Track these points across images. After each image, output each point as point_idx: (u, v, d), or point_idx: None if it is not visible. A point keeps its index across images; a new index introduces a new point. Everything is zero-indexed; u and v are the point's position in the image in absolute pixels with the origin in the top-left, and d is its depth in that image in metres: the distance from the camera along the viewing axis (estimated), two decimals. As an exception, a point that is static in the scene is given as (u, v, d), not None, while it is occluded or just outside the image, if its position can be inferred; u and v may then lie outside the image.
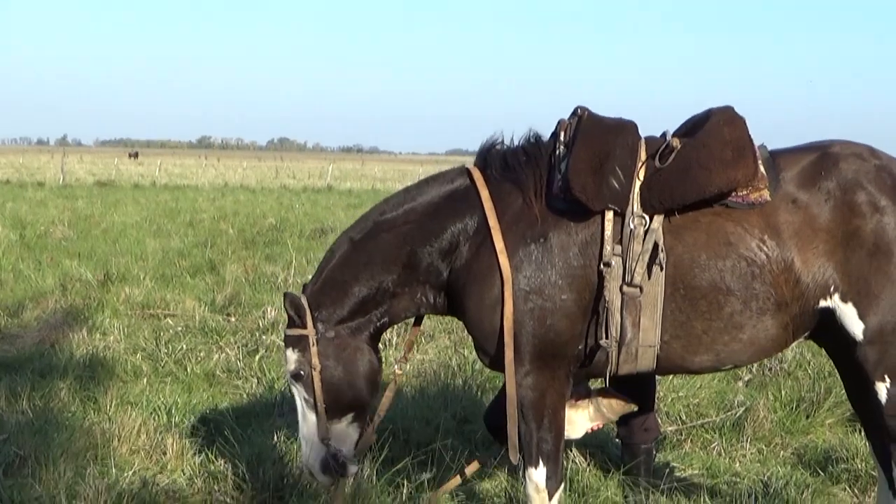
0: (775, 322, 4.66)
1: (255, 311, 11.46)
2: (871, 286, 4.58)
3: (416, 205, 4.96)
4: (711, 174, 4.48)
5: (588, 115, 4.77)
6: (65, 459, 5.79)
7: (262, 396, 7.70)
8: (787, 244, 4.57)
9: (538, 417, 4.72)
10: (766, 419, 7.63)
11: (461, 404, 7.73)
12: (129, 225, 22.91)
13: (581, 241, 4.61)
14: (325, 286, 4.99)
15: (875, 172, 4.67)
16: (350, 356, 4.91)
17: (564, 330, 4.65)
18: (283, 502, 5.52)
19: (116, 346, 9.56)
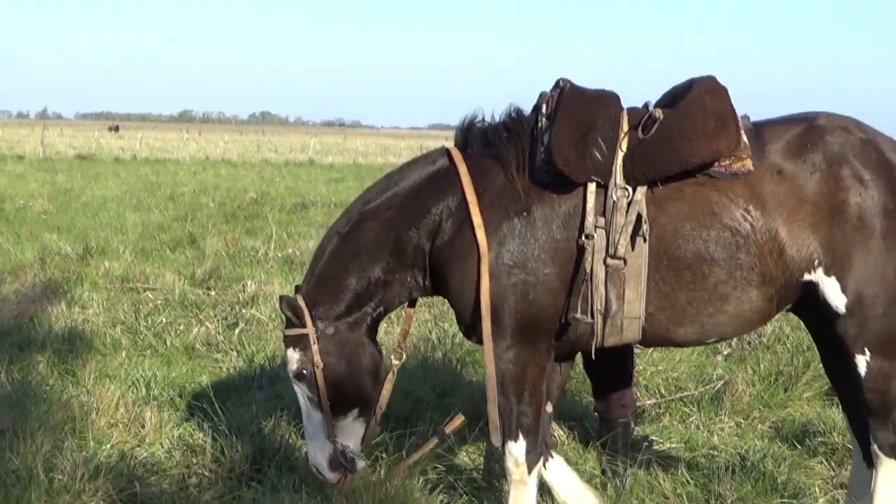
0: (760, 294, 4.68)
1: (235, 285, 11.49)
2: (853, 260, 4.61)
3: (399, 189, 4.99)
4: (694, 145, 4.50)
5: (570, 87, 4.78)
6: (42, 432, 5.79)
7: (241, 370, 7.73)
8: (772, 214, 4.59)
9: (518, 391, 4.74)
10: (745, 393, 7.69)
11: (441, 377, 7.78)
12: (110, 199, 22.88)
13: (564, 213, 4.63)
14: (319, 283, 5.02)
15: (861, 146, 4.70)
16: (351, 351, 4.95)
17: (547, 304, 4.67)
18: (262, 475, 5.52)
19: (95, 320, 9.57)
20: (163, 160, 48.47)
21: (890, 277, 4.65)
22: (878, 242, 4.61)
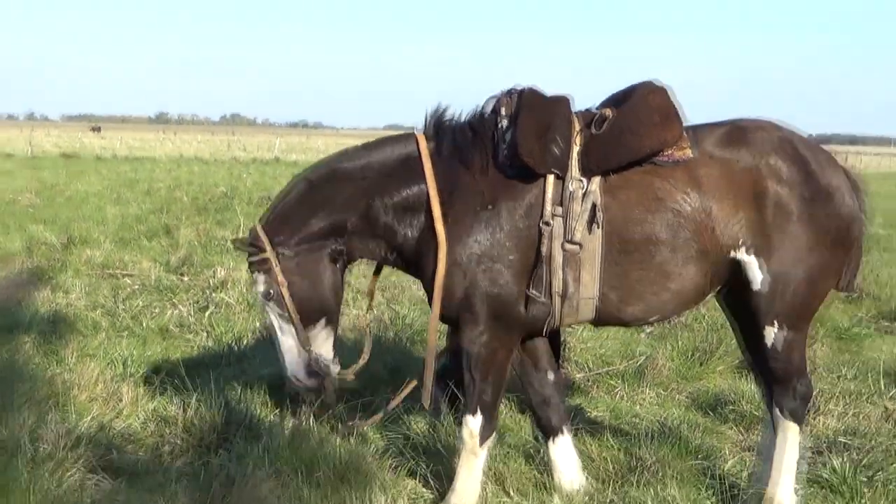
0: (698, 270, 4.81)
1: (206, 271, 11.46)
2: (772, 241, 4.78)
3: (374, 162, 5.03)
4: (643, 138, 4.64)
5: (529, 90, 4.87)
6: (28, 406, 5.82)
7: (210, 349, 7.75)
8: (707, 195, 4.74)
9: (485, 372, 4.82)
10: (665, 367, 7.84)
11: (392, 355, 7.81)
12: (92, 193, 22.75)
13: (526, 204, 4.71)
14: (282, 218, 5.05)
15: (778, 142, 4.88)
16: (312, 269, 4.97)
17: (515, 289, 4.74)
18: (228, 443, 5.54)
19: (77, 304, 9.56)
20: (141, 158, 48.25)
21: (803, 258, 4.81)
22: (795, 226, 4.77)
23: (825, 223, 4.83)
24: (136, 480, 5.08)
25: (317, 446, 5.28)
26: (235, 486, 4.62)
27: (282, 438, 5.35)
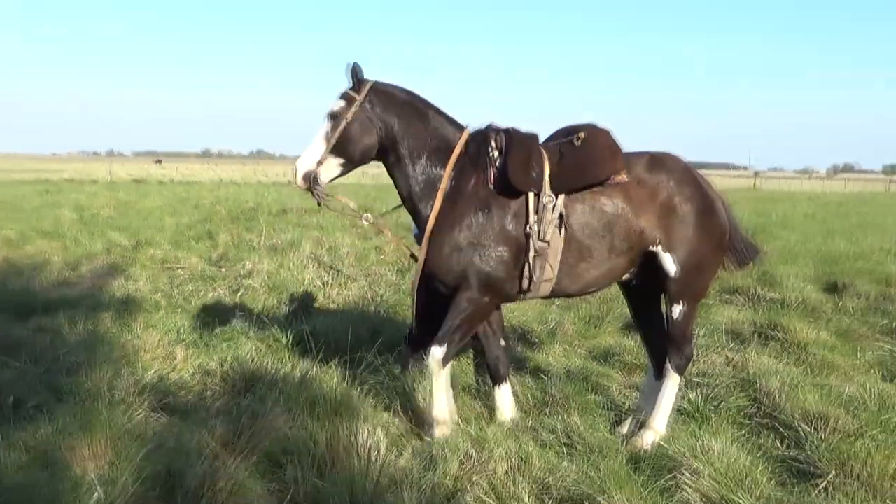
0: (625, 259, 5.01)
1: (238, 265, 11.44)
2: (679, 241, 4.98)
3: (441, 132, 5.01)
4: (600, 168, 4.82)
5: (514, 130, 4.99)
6: (107, 364, 5.90)
7: (241, 320, 7.83)
8: (635, 209, 4.91)
9: (462, 322, 4.91)
10: (569, 329, 8.00)
11: (372, 322, 7.90)
12: (154, 208, 22.67)
13: (512, 211, 4.83)
14: (383, 93, 4.97)
15: (683, 170, 5.11)
16: (366, 131, 4.87)
17: (500, 271, 4.86)
18: (253, 389, 5.60)
19: (143, 289, 9.62)
20: (190, 182, 48.05)
21: (700, 254, 5.02)
22: (694, 231, 4.98)
23: (712, 229, 5.07)
24: (185, 416, 5.17)
25: (317, 389, 5.36)
26: (258, 420, 4.71)
27: (292, 385, 5.43)
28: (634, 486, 3.97)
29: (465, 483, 4.12)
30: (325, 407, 5.07)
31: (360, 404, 5.34)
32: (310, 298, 9.26)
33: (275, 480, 4.22)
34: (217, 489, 3.97)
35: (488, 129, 5.03)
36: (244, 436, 4.52)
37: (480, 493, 4.01)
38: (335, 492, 3.96)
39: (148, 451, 4.15)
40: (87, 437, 4.25)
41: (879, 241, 16.77)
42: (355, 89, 4.90)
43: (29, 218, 18.26)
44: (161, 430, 4.72)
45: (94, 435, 4.27)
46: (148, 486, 3.95)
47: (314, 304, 9.00)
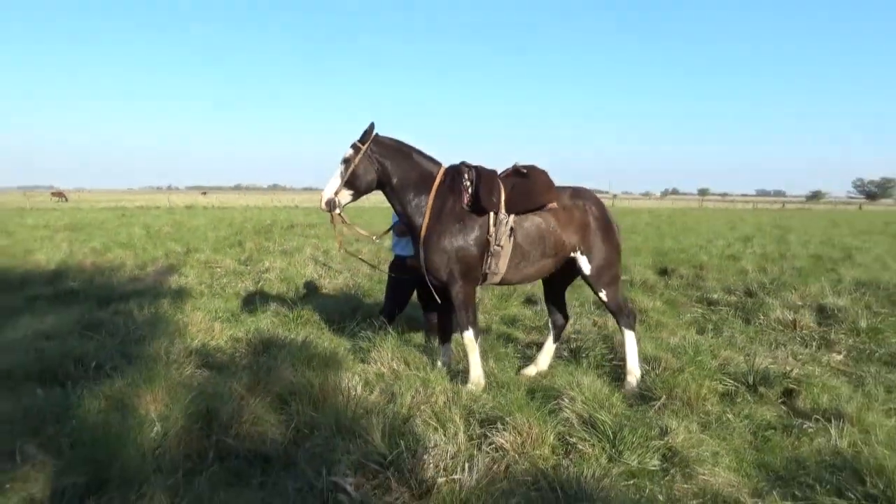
0: (552, 261, 4.98)
1: (259, 264, 11.25)
2: (592, 248, 5.00)
3: (423, 167, 4.91)
4: (539, 197, 4.81)
5: (481, 167, 4.92)
6: (164, 336, 5.78)
7: (261, 302, 7.70)
8: (561, 226, 4.92)
9: (466, 306, 4.83)
10: (488, 303, 8.01)
11: (353, 302, 7.82)
12: (200, 226, 22.19)
13: (480, 225, 4.77)
14: (382, 144, 4.86)
15: (593, 199, 5.14)
16: (368, 170, 4.78)
17: (474, 265, 4.80)
18: (268, 350, 5.49)
19: (191, 282, 9.39)
20: (227, 207, 47.23)
21: (606, 257, 5.04)
22: (601, 242, 5.01)
23: (612, 241, 5.10)
24: (221, 371, 5.05)
25: (313, 349, 5.27)
26: (272, 371, 4.63)
27: (296, 346, 5.34)
28: (531, 409, 3.98)
29: (415, 411, 4.08)
30: (318, 361, 4.99)
31: (343, 358, 5.28)
32: (309, 286, 9.14)
33: (283, 413, 4.14)
34: (242, 420, 3.89)
35: (461, 165, 4.96)
36: (262, 383, 4.42)
37: (426, 418, 3.98)
38: (325, 420, 3.91)
39: (193, 396, 4.04)
40: (149, 388, 4.12)
41: (694, 240, 17.18)
42: (362, 141, 4.84)
43: (109, 234, 17.73)
44: (203, 381, 4.59)
45: (154, 386, 4.15)
46: (193, 421, 3.85)
47: (313, 290, 8.88)
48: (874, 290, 8.94)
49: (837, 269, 11.19)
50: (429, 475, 3.27)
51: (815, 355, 6.01)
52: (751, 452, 3.94)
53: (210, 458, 3.64)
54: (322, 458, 3.53)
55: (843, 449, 3.79)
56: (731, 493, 3.37)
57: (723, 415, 4.40)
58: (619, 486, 3.36)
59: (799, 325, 6.99)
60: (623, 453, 3.66)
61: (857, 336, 6.61)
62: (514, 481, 3.38)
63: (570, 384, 4.49)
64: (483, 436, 3.80)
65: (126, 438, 3.53)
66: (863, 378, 5.27)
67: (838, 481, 3.38)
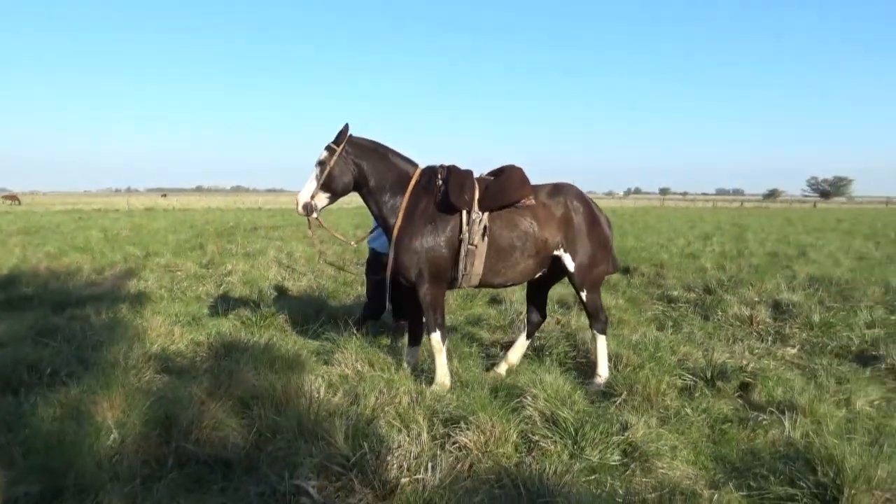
0: (534, 262, 4.91)
1: (221, 267, 11.08)
2: (576, 246, 4.94)
3: (399, 168, 4.91)
4: (511, 193, 4.75)
5: (452, 166, 4.89)
6: (123, 341, 5.63)
7: (221, 305, 7.60)
8: (541, 224, 4.86)
9: (434, 308, 4.81)
10: (453, 303, 8.01)
11: (316, 304, 7.73)
12: (160, 229, 21.74)
13: (451, 225, 4.73)
14: (357, 144, 4.85)
15: (577, 193, 5.06)
16: (344, 172, 4.79)
17: (443, 266, 4.76)
18: (232, 354, 5.34)
19: (151, 286, 9.17)
20: (188, 210, 46.40)
21: (591, 255, 4.97)
22: (585, 239, 4.95)
23: (598, 238, 5.04)
24: (181, 375, 4.96)
25: (276, 352, 5.21)
26: (234, 375, 4.55)
27: (259, 349, 5.26)
28: (494, 408, 4.00)
29: (379, 412, 4.07)
30: (281, 364, 4.94)
31: (306, 361, 5.24)
32: (273, 289, 9.04)
33: (245, 417, 4.08)
34: (203, 425, 3.83)
35: (437, 166, 4.94)
36: (223, 387, 4.35)
37: (390, 419, 3.97)
38: (288, 423, 3.87)
39: (151, 401, 3.96)
40: (106, 394, 4.03)
41: (655, 239, 17.48)
42: (337, 143, 4.81)
43: (65, 238, 17.25)
44: (162, 386, 4.51)
45: (111, 392, 4.05)
46: (151, 427, 3.77)
47: (276, 293, 8.79)
48: (826, 285, 9.22)
49: (792, 266, 11.51)
50: (392, 476, 3.27)
51: (770, 349, 6.19)
52: (708, 445, 4.03)
53: (169, 465, 3.58)
54: (285, 461, 3.51)
55: (796, 440, 3.91)
56: (688, 486, 3.45)
57: (681, 409, 4.48)
58: (580, 481, 3.41)
59: (755, 320, 7.18)
60: (585, 449, 3.71)
61: (810, 330, 6.81)
62: (477, 480, 3.41)
63: (534, 382, 4.52)
64: (447, 435, 3.81)
65: (82, 446, 3.46)
66: (815, 371, 5.44)
67: (791, 471, 3.48)
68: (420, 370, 5.27)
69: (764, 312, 7.39)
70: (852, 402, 4.61)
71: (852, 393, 4.72)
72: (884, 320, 7.11)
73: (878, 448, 3.54)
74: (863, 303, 8.01)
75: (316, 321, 6.66)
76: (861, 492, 3.14)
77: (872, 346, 6.09)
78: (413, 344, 5.47)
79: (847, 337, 6.39)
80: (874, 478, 3.20)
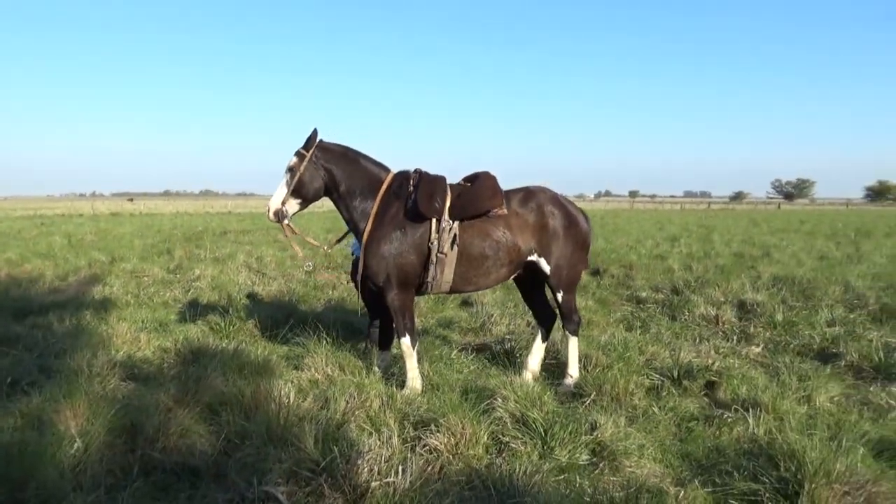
0: (507, 269, 4.91)
1: (189, 272, 10.95)
2: (551, 250, 4.93)
3: (370, 172, 4.90)
4: (484, 202, 4.74)
5: (423, 173, 4.87)
6: (87, 348, 5.52)
7: (189, 312, 7.49)
8: (514, 232, 4.84)
9: (402, 313, 4.80)
10: (424, 306, 7.98)
11: (287, 308, 7.68)
12: (127, 233, 21.37)
13: (420, 232, 4.72)
14: (327, 149, 4.86)
15: (551, 197, 5.06)
16: (315, 177, 4.81)
17: (411, 272, 4.75)
18: (200, 360, 5.23)
19: (117, 292, 8.99)
20: (155, 214, 45.72)
21: (567, 258, 4.97)
22: (561, 241, 4.94)
23: (576, 238, 5.04)
24: (147, 383, 4.88)
25: (245, 357, 5.16)
26: (202, 381, 4.49)
27: (227, 355, 5.19)
28: (464, 410, 4.01)
29: (350, 416, 4.07)
30: (251, 369, 4.89)
31: (276, 366, 5.21)
32: (242, 294, 8.94)
33: (213, 424, 4.03)
34: (169, 433, 3.77)
35: (410, 171, 4.93)
36: (191, 393, 4.29)
37: (361, 423, 3.97)
38: (257, 429, 3.83)
39: (116, 409, 3.88)
40: (69, 403, 3.94)
41: (625, 241, 17.70)
42: (306, 148, 4.80)
43: (27, 244, 16.83)
44: (128, 393, 4.43)
45: (74, 401, 3.96)
46: (116, 435, 3.71)
47: (245, 298, 8.69)
48: (790, 284, 9.44)
49: (757, 266, 11.76)
50: (362, 479, 3.26)
51: (735, 348, 6.32)
52: (675, 443, 4.10)
53: (134, 473, 3.52)
54: (253, 467, 3.47)
55: (760, 436, 3.99)
56: (655, 484, 3.50)
57: (649, 408, 4.55)
58: (549, 481, 3.44)
59: (721, 320, 7.32)
60: (554, 449, 3.75)
61: (773, 329, 6.96)
62: (447, 482, 3.42)
63: (504, 384, 4.55)
64: (417, 438, 3.82)
65: (43, 456, 3.38)
66: (778, 368, 5.56)
67: (754, 467, 3.55)
68: (391, 374, 5.26)
69: (729, 312, 7.54)
70: (813, 399, 4.72)
71: (813, 390, 4.83)
72: (843, 318, 7.30)
73: (837, 443, 3.63)
74: (824, 301, 8.21)
75: (286, 326, 6.61)
76: (821, 486, 3.22)
77: (833, 344, 6.24)
78: (383, 348, 5.45)
79: (809, 335, 6.54)
80: (833, 471, 3.28)
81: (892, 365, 5.50)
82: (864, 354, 5.72)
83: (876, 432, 4.11)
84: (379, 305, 5.41)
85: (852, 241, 19.05)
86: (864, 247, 16.51)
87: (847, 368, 5.64)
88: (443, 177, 4.87)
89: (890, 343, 6.11)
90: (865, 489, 3.22)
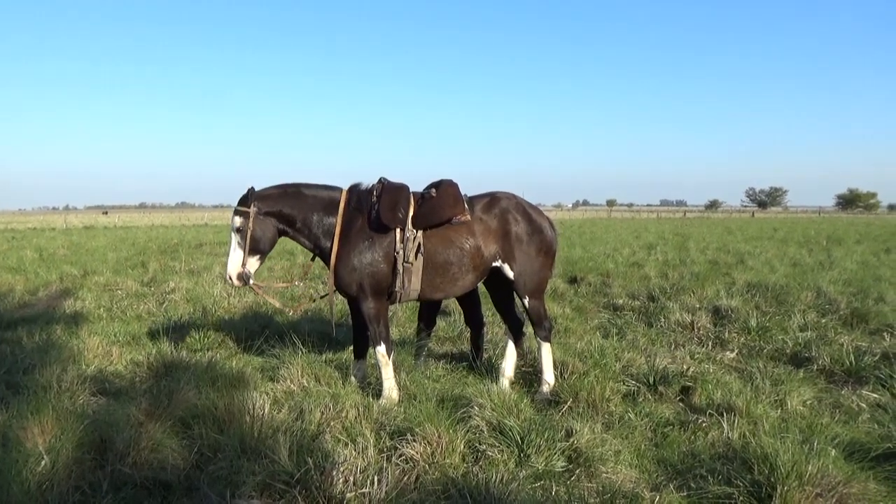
0: (473, 276, 4.93)
1: (164, 285, 10.82)
2: (515, 256, 4.96)
3: (321, 197, 4.90)
4: (444, 211, 4.76)
5: (387, 181, 4.88)
6: (57, 363, 5.39)
7: (164, 325, 7.39)
8: (478, 239, 4.87)
9: (377, 321, 4.80)
10: (402, 315, 7.90)
11: (261, 320, 7.64)
12: (100, 247, 21.06)
13: (387, 241, 4.73)
14: (265, 197, 4.84)
15: (515, 203, 5.07)
16: (266, 228, 4.82)
17: (383, 281, 4.76)
18: (173, 373, 5.19)
19: (89, 306, 8.86)
20: (130, 227, 45.13)
21: (531, 264, 4.99)
22: (525, 247, 4.97)
23: (540, 244, 5.06)
24: (119, 397, 4.81)
25: (219, 370, 5.10)
26: (174, 395, 4.42)
27: (201, 368, 5.13)
28: (440, 419, 3.99)
29: (325, 427, 4.03)
30: (224, 382, 4.80)
31: (251, 377, 5.13)
32: (217, 306, 8.84)
33: (186, 438, 3.97)
34: (140, 447, 3.69)
35: (362, 185, 4.94)
36: (162, 407, 4.23)
37: (336, 433, 3.93)
38: (230, 442, 3.78)
39: (86, 425, 3.80)
40: (36, 419, 3.85)
41: (602, 249, 17.84)
42: (245, 205, 4.80)
43: (-3, 258, 16.55)
44: (98, 408, 4.35)
45: (42, 416, 3.87)
46: (85, 451, 3.63)
47: (221, 310, 8.59)
48: (763, 291, 9.57)
49: (731, 273, 11.91)
50: (337, 490, 3.23)
51: (710, 354, 6.38)
52: (650, 449, 4.12)
53: (104, 489, 3.43)
54: (226, 480, 3.43)
55: (734, 440, 4.03)
56: (631, 489, 3.51)
57: (625, 414, 4.57)
58: (526, 488, 3.43)
59: (696, 326, 7.39)
60: (530, 457, 3.74)
61: (747, 334, 7.05)
62: (424, 491, 3.39)
63: (480, 392, 4.53)
64: (393, 448, 3.79)
65: (9, 474, 3.29)
66: (752, 373, 5.63)
67: (729, 471, 3.57)
68: (368, 383, 5.22)
69: (704, 318, 7.62)
70: (786, 403, 4.79)
71: (786, 394, 4.90)
72: (815, 323, 7.42)
73: (809, 446, 3.67)
74: (796, 307, 8.33)
75: (261, 337, 6.56)
76: (793, 488, 3.25)
77: (805, 349, 6.34)
78: (359, 357, 5.42)
79: (782, 340, 6.63)
80: (806, 474, 3.31)
81: (863, 368, 5.59)
82: (836, 358, 5.80)
83: (847, 434, 4.17)
84: (352, 315, 5.38)
85: (824, 247, 19.40)
86: (835, 253, 16.82)
87: (819, 372, 5.72)
88: (406, 185, 4.91)
89: (861, 347, 6.22)
90: (837, 490, 3.26)
